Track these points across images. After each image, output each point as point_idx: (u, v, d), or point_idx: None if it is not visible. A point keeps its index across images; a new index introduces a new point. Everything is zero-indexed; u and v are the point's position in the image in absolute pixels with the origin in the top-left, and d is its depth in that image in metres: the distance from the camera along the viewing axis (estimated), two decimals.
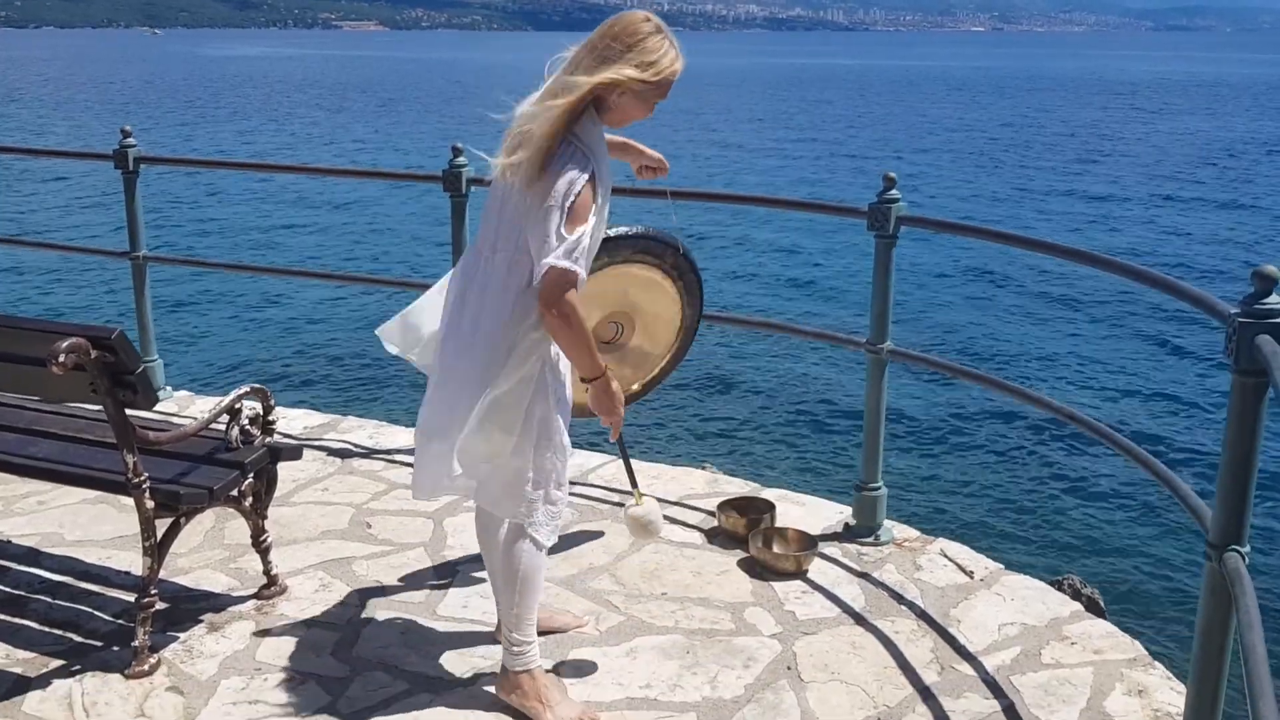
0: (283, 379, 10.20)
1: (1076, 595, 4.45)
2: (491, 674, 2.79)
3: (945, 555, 3.55)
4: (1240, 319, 2.05)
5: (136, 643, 2.84)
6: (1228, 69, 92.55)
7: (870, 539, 3.64)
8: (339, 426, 4.72)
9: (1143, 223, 19.22)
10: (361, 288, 12.99)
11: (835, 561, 3.50)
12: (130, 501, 2.86)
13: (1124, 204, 21.19)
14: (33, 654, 2.93)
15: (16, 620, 3.10)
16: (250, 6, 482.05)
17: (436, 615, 3.14)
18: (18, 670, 2.85)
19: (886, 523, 3.70)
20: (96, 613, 3.15)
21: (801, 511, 3.86)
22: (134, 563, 3.33)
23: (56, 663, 2.89)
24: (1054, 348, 11.48)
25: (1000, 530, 7.20)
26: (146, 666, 2.83)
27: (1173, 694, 2.77)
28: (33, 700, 2.72)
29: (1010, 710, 2.72)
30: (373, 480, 4.11)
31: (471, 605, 3.19)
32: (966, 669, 2.90)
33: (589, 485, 4.07)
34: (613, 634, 3.05)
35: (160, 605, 2.96)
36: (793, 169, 26.49)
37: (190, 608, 3.17)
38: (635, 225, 3.10)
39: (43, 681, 2.80)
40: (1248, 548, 2.12)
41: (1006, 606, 3.23)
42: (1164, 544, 6.98)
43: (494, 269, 2.47)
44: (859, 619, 3.14)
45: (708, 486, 4.10)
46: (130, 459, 2.76)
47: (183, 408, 4.95)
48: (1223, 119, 41.23)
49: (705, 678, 2.84)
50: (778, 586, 3.33)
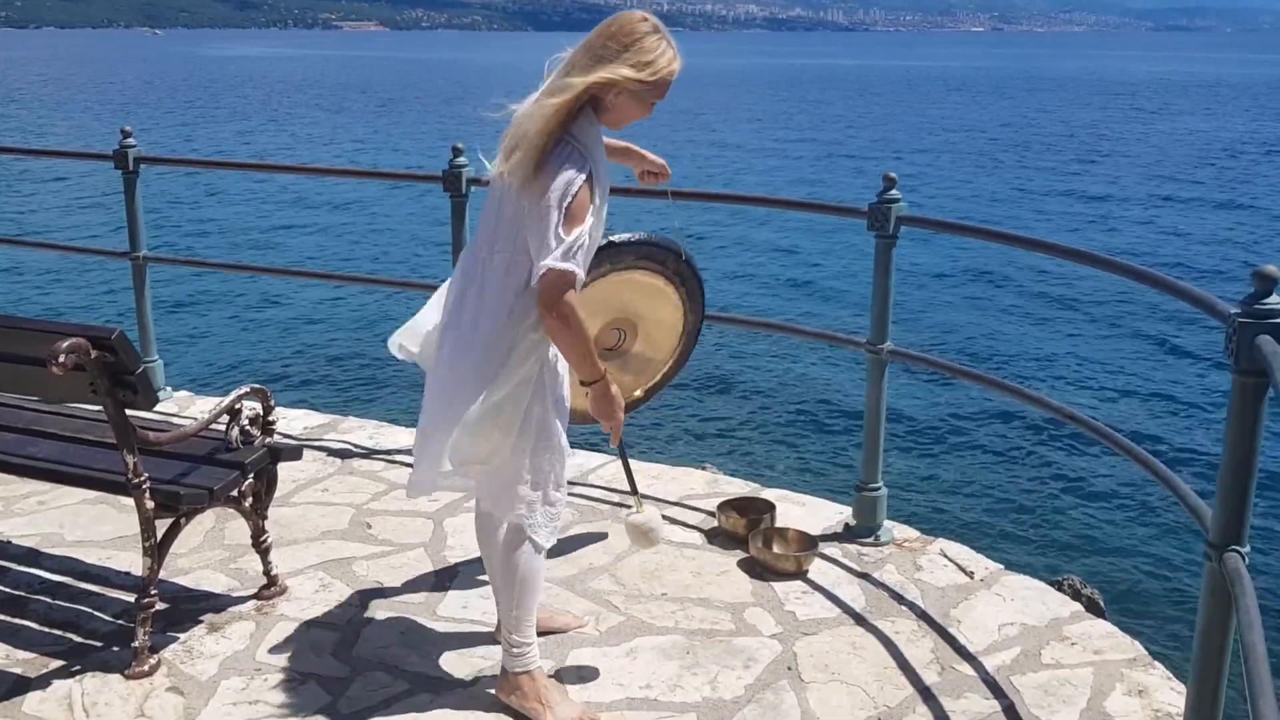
0: (283, 379, 10.20)
1: (1076, 595, 4.45)
2: (492, 674, 2.79)
3: (945, 555, 3.55)
4: (1240, 319, 2.06)
5: (136, 643, 2.85)
6: (1228, 69, 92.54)
7: (870, 539, 3.64)
8: (339, 427, 4.72)
9: (1142, 223, 19.23)
10: (361, 288, 12.99)
11: (835, 562, 3.50)
12: (130, 502, 2.86)
13: (1123, 204, 21.19)
14: (33, 654, 2.93)
15: (16, 620, 3.10)
16: (250, 7, 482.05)
17: (437, 615, 3.14)
18: (18, 670, 2.85)
19: (887, 523, 3.70)
20: (96, 613, 3.15)
21: (802, 512, 3.86)
22: (134, 563, 3.33)
23: (56, 663, 2.89)
24: (1054, 348, 11.47)
25: (1000, 530, 7.20)
26: (146, 667, 2.83)
27: (1173, 694, 2.77)
28: (33, 700, 2.72)
29: (1010, 710, 2.72)
30: (373, 480, 4.11)
31: (472, 605, 3.19)
32: (967, 669, 2.90)
33: (589, 486, 4.06)
34: (613, 634, 3.05)
35: (160, 605, 2.96)
36: (792, 169, 26.50)
37: (190, 608, 3.17)
38: (637, 232, 3.08)
39: (43, 682, 2.80)
40: (1248, 548, 2.12)
41: (1007, 607, 3.23)
42: (1164, 544, 6.98)
43: (492, 270, 2.47)
44: (859, 619, 3.14)
45: (708, 487, 4.10)
46: (130, 459, 2.76)
47: (183, 408, 4.95)
48: (1222, 119, 41.23)
49: (705, 678, 2.84)
50: (778, 587, 3.33)
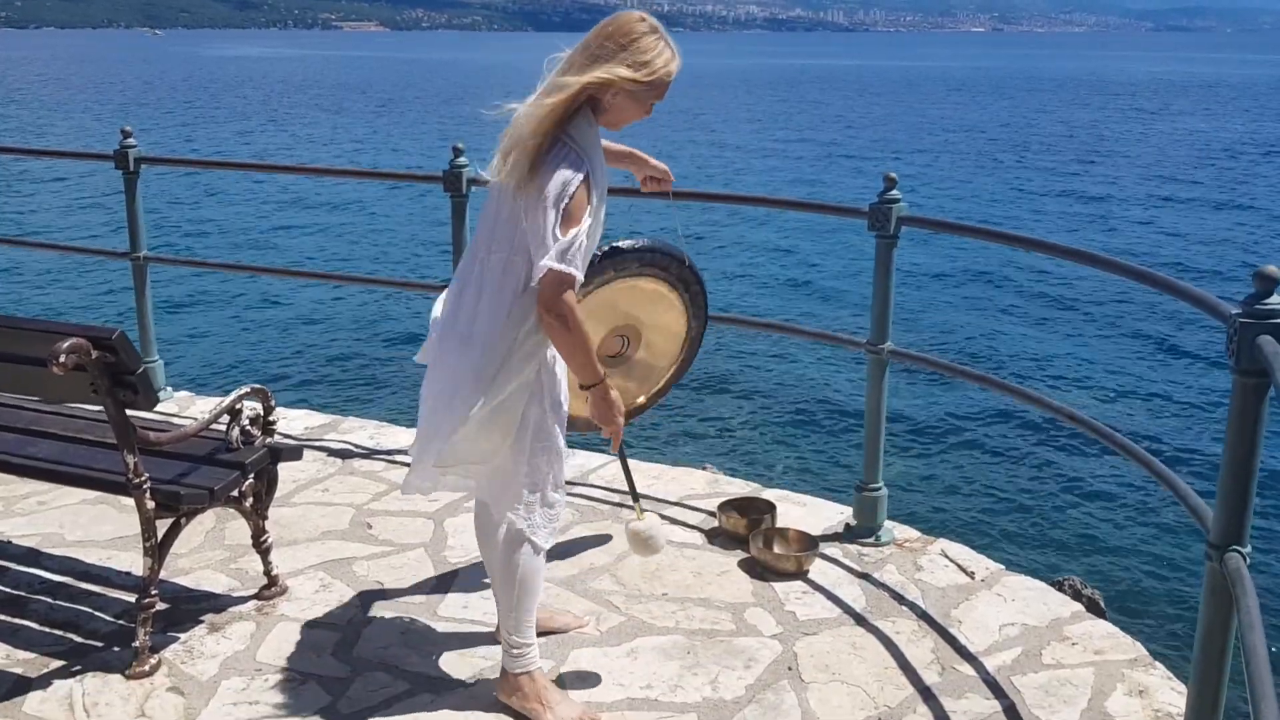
0: (283, 379, 10.20)
1: (1077, 596, 4.45)
2: (492, 674, 2.79)
3: (946, 556, 3.55)
4: (1241, 319, 2.06)
5: (137, 643, 2.84)
6: (1228, 69, 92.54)
7: (871, 539, 3.64)
8: (339, 427, 4.72)
9: (1142, 223, 19.23)
10: (361, 288, 12.99)
11: (836, 562, 3.50)
12: (131, 502, 2.86)
13: (1123, 204, 21.19)
14: (33, 654, 2.93)
15: (17, 620, 3.10)
16: (250, 7, 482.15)
17: (437, 616, 3.14)
18: (18, 670, 2.85)
19: (887, 523, 3.70)
20: (97, 613, 3.15)
21: (802, 512, 3.86)
22: (134, 563, 3.33)
23: (57, 663, 2.89)
24: (1054, 348, 11.47)
25: (1001, 530, 7.20)
26: (147, 667, 2.83)
27: (1173, 694, 2.77)
28: (33, 700, 2.72)
29: (1011, 710, 2.72)
30: (373, 481, 4.11)
31: (472, 605, 3.19)
32: (967, 669, 2.90)
33: (589, 486, 4.06)
34: (613, 634, 3.05)
35: (161, 606, 2.96)
36: (792, 169, 26.50)
37: (191, 608, 3.17)
38: (641, 238, 3.07)
39: (43, 682, 2.80)
40: (1249, 548, 2.12)
41: (1007, 607, 3.23)
42: (1164, 544, 6.98)
43: (489, 270, 2.46)
44: (860, 619, 3.14)
45: (708, 487, 4.10)
46: (131, 459, 2.76)
47: (183, 408, 4.95)
48: (1222, 119, 41.23)
49: (706, 678, 2.84)
50: (778, 587, 3.33)
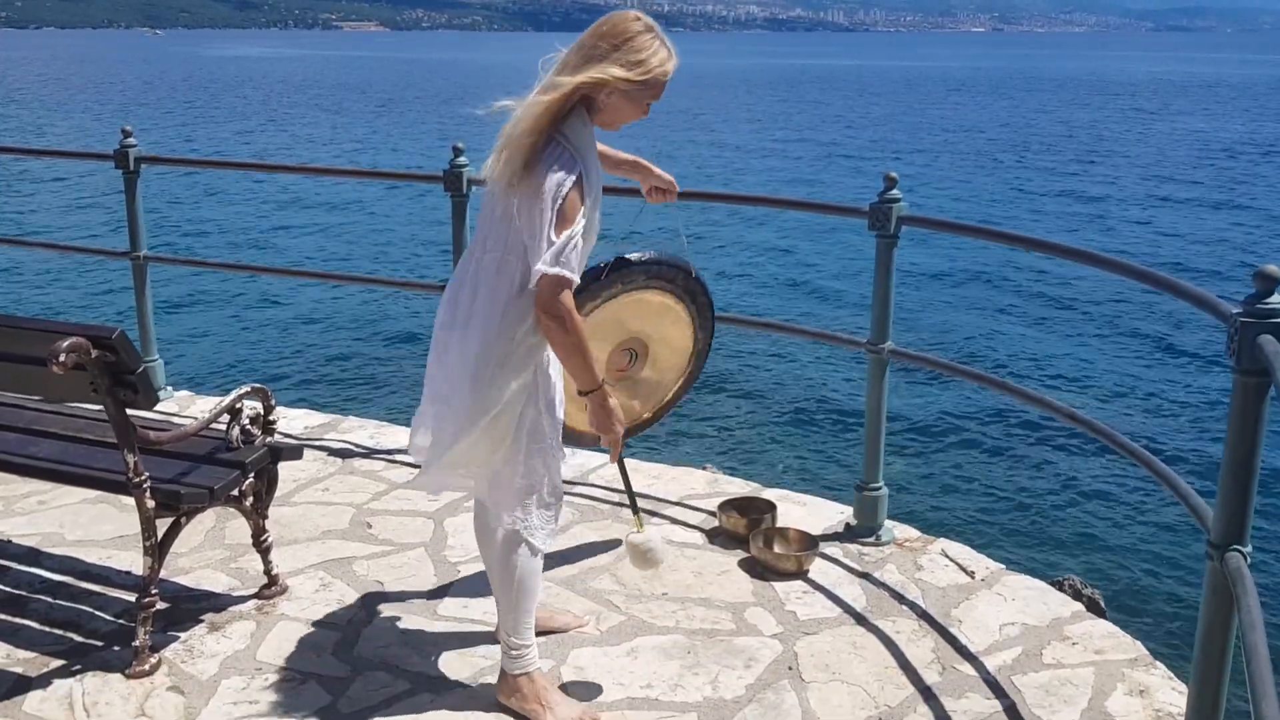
0: (283, 379, 10.20)
1: (1077, 595, 4.45)
2: (492, 674, 2.79)
3: (946, 555, 3.55)
4: (1242, 319, 2.06)
5: (137, 642, 2.84)
6: (1228, 69, 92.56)
7: (871, 539, 3.63)
8: (339, 426, 4.72)
9: (1142, 223, 19.24)
10: (361, 288, 12.99)
11: (836, 561, 3.49)
12: (131, 501, 2.86)
13: (1123, 204, 21.20)
14: (33, 654, 2.93)
15: (17, 620, 3.10)
16: (250, 7, 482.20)
17: (437, 615, 3.14)
18: (18, 670, 2.85)
19: (887, 523, 3.70)
20: (97, 612, 3.15)
21: (802, 511, 3.86)
22: (135, 562, 3.33)
23: (57, 662, 2.88)
24: (1054, 348, 11.48)
25: (1001, 530, 7.21)
26: (147, 666, 2.83)
27: (1174, 694, 2.77)
28: (33, 700, 2.72)
29: (1011, 710, 2.72)
30: (373, 480, 4.11)
31: (472, 605, 3.19)
32: (968, 669, 2.90)
33: (589, 485, 4.06)
34: (613, 634, 3.05)
35: (161, 605, 2.96)
36: (792, 169, 26.51)
37: (191, 607, 3.17)
38: (647, 250, 3.04)
39: (43, 681, 2.80)
40: (1249, 547, 2.11)
41: (1008, 606, 3.23)
42: (1165, 544, 6.98)
43: (484, 270, 2.46)
44: (860, 619, 3.14)
45: (708, 486, 4.10)
46: (131, 459, 2.76)
47: (183, 408, 4.95)
48: (1222, 120, 41.24)
49: (706, 678, 2.84)
50: (779, 586, 3.33)
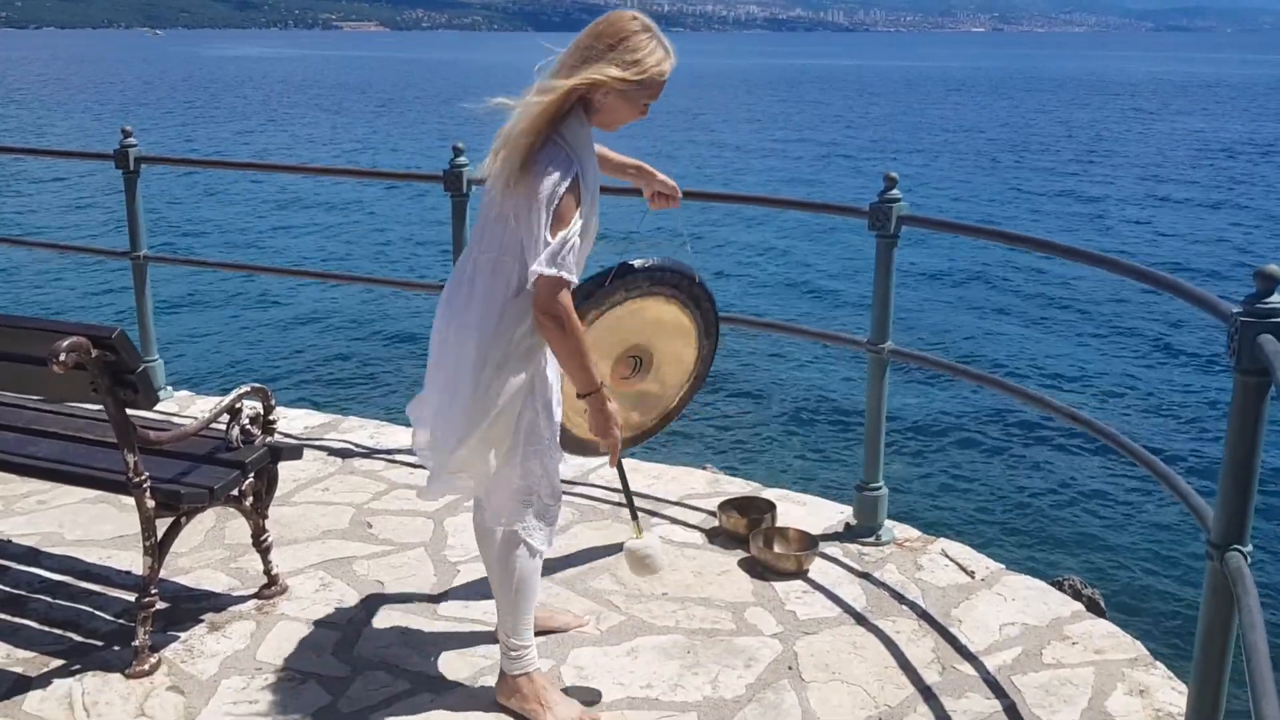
0: (283, 378, 10.20)
1: (1077, 595, 4.45)
2: (492, 674, 2.79)
3: (946, 555, 3.55)
4: (1242, 318, 2.06)
5: (137, 642, 2.84)
6: (1227, 69, 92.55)
7: (871, 539, 3.63)
8: (339, 426, 4.72)
9: (1141, 223, 19.23)
10: (361, 287, 13.00)
11: (836, 561, 3.49)
12: (131, 501, 2.85)
13: (1122, 204, 21.20)
14: (33, 653, 2.93)
15: (17, 620, 3.10)
16: (250, 7, 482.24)
17: (437, 615, 3.14)
18: (18, 670, 2.85)
19: (887, 523, 3.70)
20: (97, 612, 3.15)
21: (802, 511, 3.86)
22: (134, 562, 3.33)
23: (57, 662, 2.88)
24: (1054, 348, 11.47)
25: (1001, 530, 7.21)
26: (147, 666, 2.83)
27: (1174, 694, 2.77)
28: (33, 700, 2.72)
29: (1011, 710, 2.72)
30: (373, 480, 4.11)
31: (472, 605, 3.19)
32: (968, 669, 2.90)
33: (589, 485, 4.06)
34: (613, 634, 3.05)
35: (161, 605, 2.96)
36: (792, 169, 26.50)
37: (191, 607, 3.17)
38: (651, 256, 3.04)
39: (43, 681, 2.80)
40: (1250, 547, 2.11)
41: (1008, 606, 3.23)
42: (1165, 544, 6.98)
43: (481, 270, 2.46)
44: (860, 619, 3.14)
45: (708, 486, 4.10)
46: (131, 458, 2.76)
47: (183, 407, 4.95)
48: (1222, 120, 41.24)
49: (706, 678, 2.84)
50: (779, 586, 3.33)
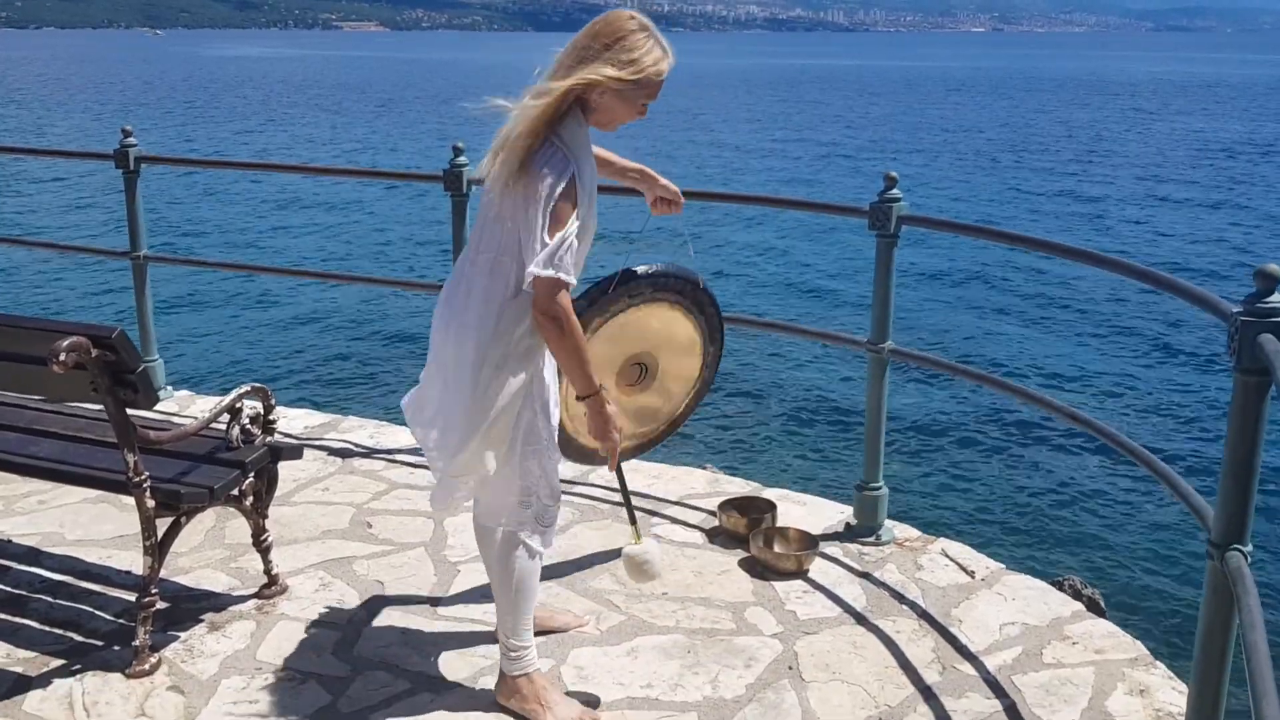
0: (283, 378, 10.20)
1: (1077, 595, 4.45)
2: (492, 673, 2.79)
3: (946, 555, 3.55)
4: (1243, 318, 2.05)
5: (137, 642, 2.84)
6: (1227, 69, 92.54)
7: (871, 539, 3.63)
8: (340, 426, 4.72)
9: (1141, 223, 19.23)
10: (361, 287, 12.99)
11: (836, 561, 3.49)
12: (131, 501, 2.85)
13: (1122, 204, 21.20)
14: (33, 653, 2.93)
15: (17, 620, 3.10)
16: (250, 7, 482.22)
17: (437, 615, 3.14)
18: (18, 670, 2.85)
19: (888, 522, 3.70)
20: (97, 612, 3.15)
21: (802, 511, 3.86)
22: (135, 562, 3.33)
23: (57, 662, 2.88)
24: (1054, 348, 11.47)
25: (1001, 530, 7.21)
26: (147, 666, 2.83)
27: (1174, 694, 2.77)
28: (33, 700, 2.72)
29: (1012, 710, 2.72)
30: (373, 480, 4.11)
31: (472, 605, 3.19)
32: (968, 669, 2.90)
33: (589, 485, 4.06)
34: (613, 633, 3.05)
35: (161, 605, 2.96)
36: (792, 169, 26.50)
37: (191, 607, 3.17)
38: (653, 262, 3.03)
39: (43, 681, 2.80)
40: (1250, 546, 2.11)
41: (1008, 606, 3.23)
42: (1165, 543, 6.98)
43: (479, 270, 2.46)
44: (860, 619, 3.14)
45: (708, 486, 4.10)
46: (131, 458, 2.76)
47: (183, 407, 4.95)
48: (1222, 120, 41.24)
49: (706, 677, 2.84)
50: (779, 586, 3.33)
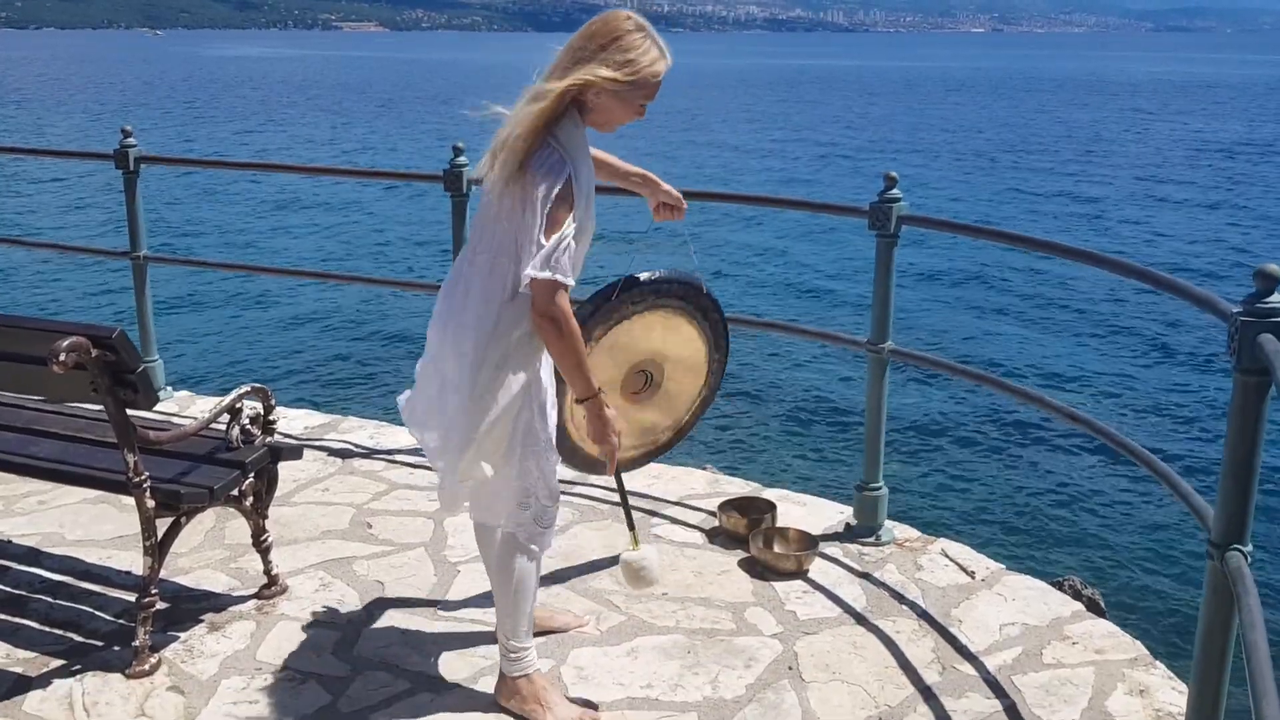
0: (283, 379, 10.20)
1: (1077, 595, 4.44)
2: (492, 673, 2.79)
3: (946, 555, 3.55)
4: (1243, 318, 2.05)
5: (137, 642, 2.84)
6: (1227, 70, 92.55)
7: (871, 539, 3.63)
8: (339, 426, 4.72)
9: (1141, 223, 19.23)
10: (361, 287, 12.99)
11: (836, 561, 3.49)
12: (131, 501, 2.85)
13: (1122, 204, 21.20)
14: (33, 654, 2.93)
15: (17, 620, 3.10)
16: (250, 7, 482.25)
17: (437, 615, 3.14)
18: (18, 670, 2.85)
19: (887, 523, 3.70)
20: (97, 612, 3.15)
21: (802, 511, 3.86)
22: (135, 562, 3.33)
23: (57, 662, 2.88)
24: (1054, 348, 11.48)
25: (1001, 530, 7.21)
26: (147, 666, 2.83)
27: (1174, 694, 2.77)
28: (33, 700, 2.72)
29: (1012, 710, 2.72)
30: (373, 480, 4.11)
31: (472, 605, 3.19)
32: (968, 669, 2.90)
33: (589, 485, 4.06)
34: (613, 634, 3.05)
35: (161, 605, 2.96)
36: (792, 169, 26.51)
37: (191, 607, 3.17)
38: (656, 269, 3.02)
39: (43, 681, 2.80)
40: (1250, 546, 2.11)
41: (1008, 606, 3.23)
42: (1165, 543, 6.98)
43: (477, 271, 2.46)
44: (860, 619, 3.14)
45: (708, 486, 4.10)
46: (131, 458, 2.76)
47: (183, 407, 4.95)
48: (1222, 120, 41.25)
49: (706, 678, 2.84)
50: (779, 586, 3.33)
